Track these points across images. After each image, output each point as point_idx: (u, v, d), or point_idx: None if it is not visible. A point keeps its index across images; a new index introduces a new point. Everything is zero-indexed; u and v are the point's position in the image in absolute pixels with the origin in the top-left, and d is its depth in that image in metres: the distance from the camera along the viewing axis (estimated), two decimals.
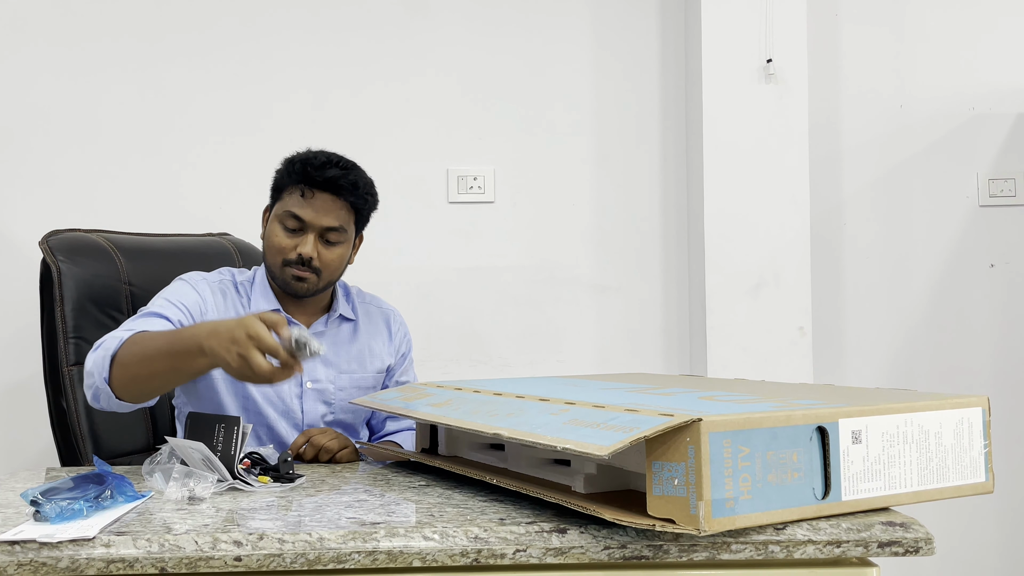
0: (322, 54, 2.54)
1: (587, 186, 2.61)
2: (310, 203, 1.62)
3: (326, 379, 1.70)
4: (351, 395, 1.71)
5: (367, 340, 1.77)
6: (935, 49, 2.66)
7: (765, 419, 0.93)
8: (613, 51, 2.61)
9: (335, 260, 1.66)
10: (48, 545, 0.93)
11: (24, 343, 2.31)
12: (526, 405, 1.14)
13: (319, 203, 1.62)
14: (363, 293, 1.84)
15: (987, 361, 2.65)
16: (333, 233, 1.64)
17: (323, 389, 1.69)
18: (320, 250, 1.63)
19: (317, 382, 1.69)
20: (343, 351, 1.73)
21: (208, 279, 1.68)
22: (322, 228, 1.63)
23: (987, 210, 2.66)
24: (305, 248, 1.61)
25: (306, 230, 1.62)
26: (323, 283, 1.66)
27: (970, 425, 1.08)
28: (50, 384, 1.90)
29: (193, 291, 1.63)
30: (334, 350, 1.72)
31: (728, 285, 2.45)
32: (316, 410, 1.69)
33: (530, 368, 2.56)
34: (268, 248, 1.66)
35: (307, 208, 1.62)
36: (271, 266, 1.66)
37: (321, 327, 1.71)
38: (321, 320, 1.72)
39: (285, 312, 1.68)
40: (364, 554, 0.94)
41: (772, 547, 0.94)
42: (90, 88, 2.48)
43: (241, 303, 1.68)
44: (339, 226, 1.64)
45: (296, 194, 1.63)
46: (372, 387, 1.76)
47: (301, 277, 1.63)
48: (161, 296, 1.62)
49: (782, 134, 2.46)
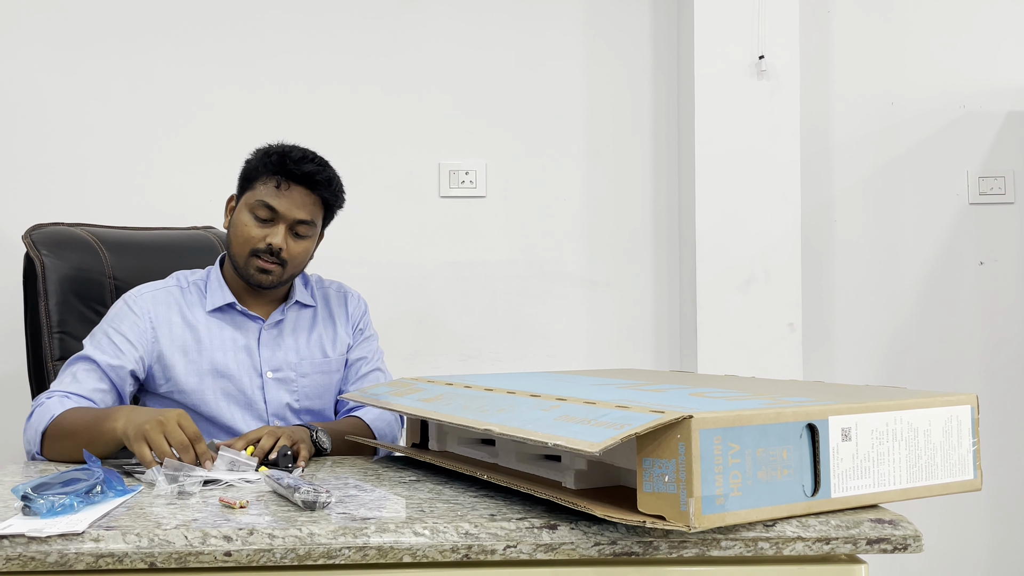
0: (313, 48, 2.53)
1: (579, 181, 2.61)
2: (285, 195, 1.63)
3: (287, 367, 1.70)
4: (314, 381, 1.73)
5: (327, 324, 1.78)
6: (926, 47, 2.67)
7: (756, 416, 0.93)
8: (606, 46, 2.61)
9: (301, 253, 1.67)
10: (37, 539, 0.92)
11: (7, 338, 2.30)
12: (517, 401, 1.14)
13: (294, 195, 1.64)
14: (323, 280, 1.85)
15: (976, 358, 2.66)
16: (303, 226, 1.66)
17: (285, 378, 1.70)
18: (289, 242, 1.64)
19: (278, 371, 1.69)
20: (303, 338, 1.74)
21: (153, 290, 1.69)
22: (294, 220, 1.64)
23: (977, 208, 2.67)
24: (275, 239, 1.62)
25: (277, 221, 1.64)
26: (286, 276, 1.67)
27: (959, 423, 1.08)
28: (34, 379, 1.89)
29: (131, 312, 1.65)
30: (294, 337, 1.73)
31: (719, 281, 2.45)
32: (280, 399, 1.69)
33: (521, 363, 2.56)
34: (235, 237, 1.66)
35: (282, 199, 1.63)
36: (236, 256, 1.66)
37: (279, 315, 1.72)
38: (279, 309, 1.72)
39: (241, 304, 1.69)
40: (354, 549, 0.94)
41: (762, 544, 0.94)
42: (75, 82, 2.46)
43: (188, 302, 1.69)
44: (310, 220, 1.66)
45: (271, 185, 1.64)
46: (335, 371, 1.77)
47: (266, 269, 1.64)
48: (101, 327, 1.65)
49: (773, 130, 2.46)
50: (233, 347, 1.67)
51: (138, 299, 1.67)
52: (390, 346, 2.04)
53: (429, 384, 1.40)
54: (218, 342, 1.67)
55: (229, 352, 1.67)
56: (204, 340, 1.66)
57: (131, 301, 1.67)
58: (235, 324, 1.69)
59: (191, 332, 1.66)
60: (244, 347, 1.68)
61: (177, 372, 1.64)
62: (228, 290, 1.70)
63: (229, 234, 1.69)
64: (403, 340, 2.51)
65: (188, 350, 1.65)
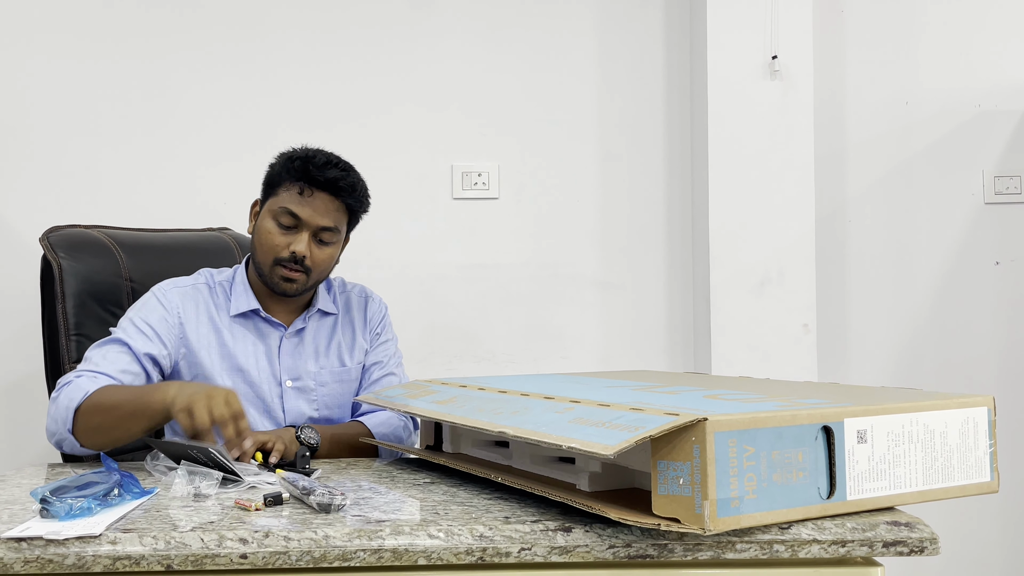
0: (325, 50, 2.54)
1: (591, 183, 2.61)
2: (308, 202, 1.61)
3: (306, 376, 1.70)
4: (333, 390, 1.72)
5: (346, 330, 1.77)
6: (941, 46, 2.65)
7: (770, 419, 0.93)
8: (618, 47, 2.61)
9: (325, 260, 1.66)
10: (54, 542, 0.93)
11: (25, 340, 2.32)
12: (531, 403, 1.14)
13: (318, 203, 1.62)
14: (346, 283, 1.83)
15: (992, 360, 2.65)
16: (327, 233, 1.64)
17: (304, 387, 1.69)
18: (312, 249, 1.63)
19: (298, 379, 1.69)
20: (322, 346, 1.73)
21: (180, 286, 1.68)
22: (317, 227, 1.62)
23: (993, 207, 2.66)
24: (299, 246, 1.60)
25: (301, 228, 1.62)
26: (311, 283, 1.66)
27: (975, 425, 1.07)
28: (51, 381, 1.90)
29: (160, 306, 1.63)
30: (314, 345, 1.72)
31: (733, 282, 2.45)
32: (298, 408, 1.69)
33: (534, 365, 2.56)
34: (259, 244, 1.65)
35: (305, 207, 1.61)
36: (260, 263, 1.65)
37: (301, 323, 1.71)
38: (301, 317, 1.72)
39: (265, 309, 1.69)
40: (369, 552, 0.94)
41: (777, 547, 0.94)
42: (91, 85, 2.48)
43: (216, 304, 1.68)
44: (334, 226, 1.64)
45: (294, 191, 1.62)
46: (354, 380, 1.76)
47: (290, 278, 1.62)
48: (129, 316, 1.63)
49: (787, 131, 2.45)
50: (255, 353, 1.67)
51: (167, 293, 1.66)
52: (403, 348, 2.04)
53: (443, 386, 1.40)
54: (241, 347, 1.66)
55: (251, 358, 1.66)
56: (228, 344, 1.66)
57: (160, 295, 1.65)
58: (257, 331, 1.69)
59: (216, 335, 1.66)
60: (265, 354, 1.68)
61: (205, 368, 1.64)
62: (252, 295, 1.69)
63: (253, 240, 1.68)
64: (416, 342, 2.51)
65: (212, 351, 1.65)
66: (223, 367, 1.64)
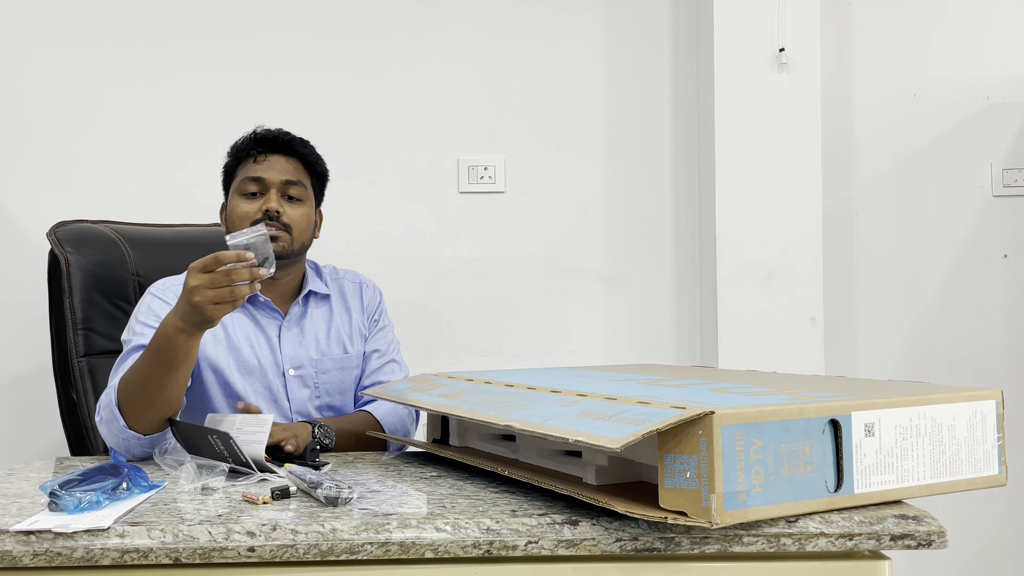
0: (332, 43, 2.54)
1: (598, 176, 2.60)
2: (264, 165, 1.67)
3: (308, 364, 1.70)
4: (334, 377, 1.73)
5: (343, 316, 1.77)
6: (949, 37, 2.64)
7: (778, 412, 0.93)
8: (625, 40, 2.60)
9: (301, 218, 1.67)
10: (63, 535, 0.93)
11: (33, 334, 2.33)
12: (538, 397, 1.14)
13: (273, 162, 1.67)
14: (338, 270, 1.84)
15: (1000, 352, 2.64)
16: (294, 188, 1.67)
17: (305, 375, 1.70)
18: (284, 207, 1.65)
19: (299, 368, 1.70)
20: (322, 332, 1.74)
21: (176, 284, 1.68)
22: (281, 183, 1.66)
23: (1001, 200, 2.65)
24: (270, 203, 1.63)
25: (267, 189, 1.65)
26: (296, 244, 1.66)
27: (983, 418, 1.07)
28: (59, 375, 1.91)
29: (163, 302, 1.63)
30: (313, 331, 1.73)
31: (739, 275, 2.44)
32: (301, 396, 1.70)
33: (541, 359, 2.56)
34: (235, 221, 1.66)
35: (262, 169, 1.66)
36: None
37: (297, 308, 1.72)
38: (297, 301, 1.72)
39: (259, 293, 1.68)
40: (376, 545, 0.94)
41: (784, 540, 0.94)
42: (97, 80, 2.48)
43: None
44: (297, 180, 1.68)
45: (248, 163, 1.67)
46: (355, 366, 1.76)
47: (274, 236, 1.61)
48: (135, 319, 1.63)
49: (794, 123, 2.44)
50: (256, 344, 1.68)
51: (167, 290, 1.66)
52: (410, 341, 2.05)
53: (450, 380, 1.40)
54: (243, 338, 1.67)
55: (254, 349, 1.67)
56: (232, 336, 1.67)
57: (160, 292, 1.66)
58: (256, 320, 1.69)
59: (219, 327, 1.66)
60: (266, 344, 1.69)
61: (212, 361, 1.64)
62: None
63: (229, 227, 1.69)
64: (423, 336, 2.52)
65: (218, 345, 1.65)
66: (229, 359, 1.65)
